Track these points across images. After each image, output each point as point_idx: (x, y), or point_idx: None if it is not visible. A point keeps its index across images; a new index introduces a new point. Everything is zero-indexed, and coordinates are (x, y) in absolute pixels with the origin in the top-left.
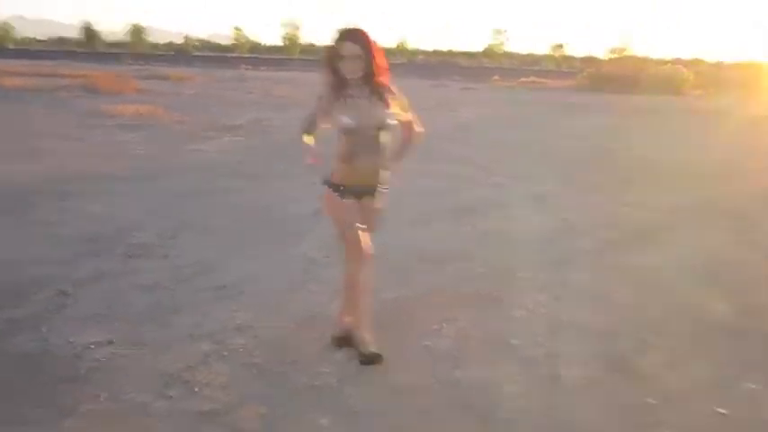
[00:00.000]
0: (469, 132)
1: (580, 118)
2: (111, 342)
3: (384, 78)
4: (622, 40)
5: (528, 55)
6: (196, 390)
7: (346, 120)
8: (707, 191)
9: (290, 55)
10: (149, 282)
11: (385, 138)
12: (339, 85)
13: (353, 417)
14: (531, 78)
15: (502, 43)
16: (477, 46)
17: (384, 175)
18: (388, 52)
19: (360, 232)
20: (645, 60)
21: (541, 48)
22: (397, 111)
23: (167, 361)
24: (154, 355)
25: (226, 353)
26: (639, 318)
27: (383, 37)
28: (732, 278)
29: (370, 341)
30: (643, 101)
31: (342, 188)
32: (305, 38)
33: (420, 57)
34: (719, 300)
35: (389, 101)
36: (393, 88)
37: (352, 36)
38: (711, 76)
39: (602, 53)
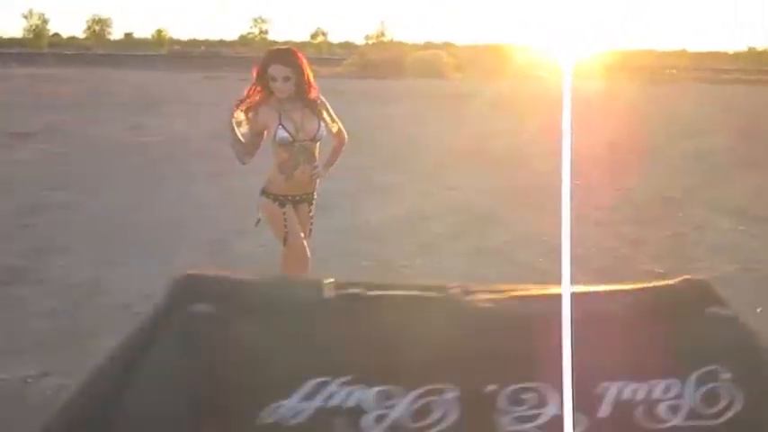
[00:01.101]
0: None
1: (367, 107)
2: (47, 374)
3: (314, 92)
4: (379, 26)
5: (286, 42)
6: None
7: (284, 134)
8: (513, 172)
9: (37, 48)
10: (43, 308)
11: (317, 148)
12: (269, 98)
13: None
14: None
15: (266, 32)
16: (231, 34)
17: (318, 183)
18: (147, 44)
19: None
20: (403, 45)
21: (299, 35)
22: (328, 121)
23: None
24: None
25: None
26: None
27: (139, 27)
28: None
29: None
30: (415, 86)
31: (281, 198)
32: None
33: (176, 47)
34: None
35: (321, 113)
36: (322, 99)
37: (283, 59)
38: (467, 60)
39: (360, 39)
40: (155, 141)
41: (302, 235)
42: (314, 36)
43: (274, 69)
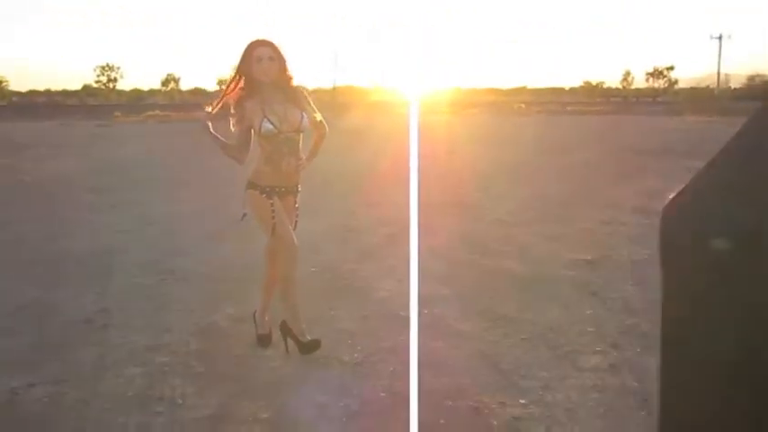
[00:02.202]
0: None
1: None
2: (33, 384)
3: (294, 80)
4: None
5: (133, 90)
6: (180, 401)
7: (268, 126)
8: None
9: None
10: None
11: (300, 139)
12: (252, 90)
13: None
14: (156, 111)
15: (116, 79)
16: (74, 84)
17: (302, 173)
18: None
19: (289, 229)
20: None
21: (150, 83)
22: (310, 113)
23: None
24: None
25: (168, 366)
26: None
27: None
28: (507, 242)
29: (305, 330)
30: None
31: (268, 189)
32: None
33: (14, 98)
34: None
35: (303, 104)
36: (302, 89)
37: (265, 41)
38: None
39: (212, 84)
40: (39, 180)
41: (288, 226)
42: (165, 83)
43: (260, 51)
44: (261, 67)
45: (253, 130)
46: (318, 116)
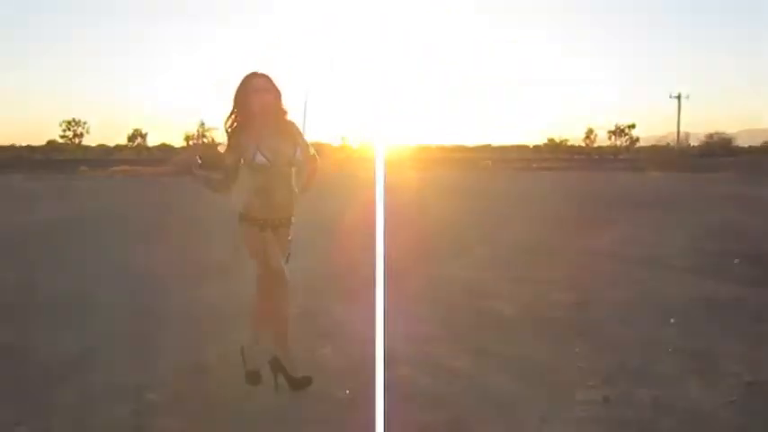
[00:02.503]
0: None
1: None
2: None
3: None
4: (201, 126)
5: (99, 146)
6: None
7: (261, 158)
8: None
9: None
10: None
11: (293, 172)
12: (247, 121)
13: None
14: (123, 167)
15: (81, 135)
16: (38, 140)
17: (294, 206)
18: None
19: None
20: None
21: (117, 138)
22: (303, 146)
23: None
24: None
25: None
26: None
27: None
28: (496, 284)
29: (296, 366)
30: None
31: (260, 222)
32: None
33: None
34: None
35: (296, 138)
36: (294, 123)
37: (261, 74)
38: None
39: (179, 140)
40: (6, 230)
41: (281, 259)
42: (131, 138)
43: (256, 82)
44: (257, 98)
45: (243, 161)
46: (312, 150)
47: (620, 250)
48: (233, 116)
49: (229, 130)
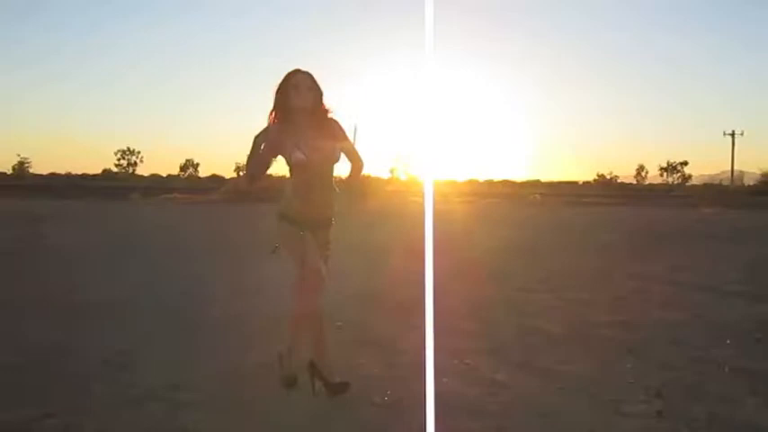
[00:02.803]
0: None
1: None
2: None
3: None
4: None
5: (152, 175)
6: None
7: (300, 155)
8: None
9: None
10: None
11: (334, 170)
12: (287, 115)
13: None
14: (174, 194)
15: (135, 164)
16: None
17: (335, 206)
18: (7, 177)
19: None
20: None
21: (169, 168)
22: (347, 145)
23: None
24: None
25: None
26: None
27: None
28: (543, 306)
29: (334, 371)
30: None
31: (299, 222)
32: None
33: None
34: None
35: (338, 136)
36: (336, 120)
37: (303, 71)
38: None
39: (230, 171)
40: (61, 245)
41: (319, 259)
42: (183, 168)
43: (298, 78)
44: (298, 94)
45: (284, 159)
46: (353, 147)
47: (673, 276)
48: (273, 113)
49: (270, 126)
